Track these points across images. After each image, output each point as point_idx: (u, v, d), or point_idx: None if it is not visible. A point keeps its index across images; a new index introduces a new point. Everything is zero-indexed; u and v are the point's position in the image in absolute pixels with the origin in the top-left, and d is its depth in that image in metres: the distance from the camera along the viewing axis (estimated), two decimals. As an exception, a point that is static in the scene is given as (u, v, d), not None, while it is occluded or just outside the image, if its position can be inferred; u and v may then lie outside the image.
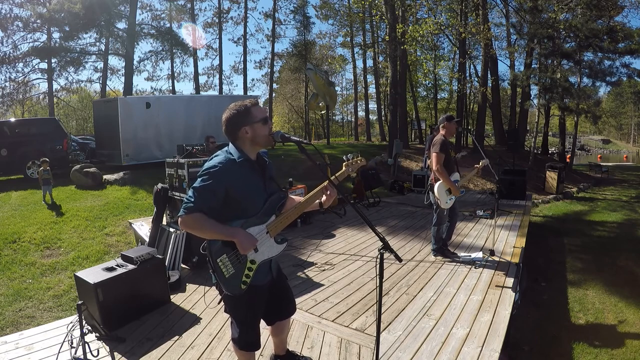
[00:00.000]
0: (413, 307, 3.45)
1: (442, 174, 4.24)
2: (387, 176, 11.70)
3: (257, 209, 1.88)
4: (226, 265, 1.85)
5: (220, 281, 1.88)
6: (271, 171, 2.01)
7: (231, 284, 1.87)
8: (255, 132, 1.85)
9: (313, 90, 17.08)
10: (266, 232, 1.91)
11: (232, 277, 1.86)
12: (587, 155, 48.62)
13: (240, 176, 1.81)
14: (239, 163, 1.82)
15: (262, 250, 1.91)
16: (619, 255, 6.57)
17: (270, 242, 1.94)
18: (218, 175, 1.76)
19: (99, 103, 13.72)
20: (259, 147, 1.92)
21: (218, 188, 1.76)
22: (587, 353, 3.62)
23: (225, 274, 1.85)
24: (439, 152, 4.26)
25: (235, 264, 1.86)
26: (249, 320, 2.02)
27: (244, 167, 1.84)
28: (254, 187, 1.88)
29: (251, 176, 1.87)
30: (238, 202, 1.83)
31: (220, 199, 1.78)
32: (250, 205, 1.87)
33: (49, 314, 3.89)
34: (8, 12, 18.96)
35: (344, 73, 38.88)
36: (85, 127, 31.57)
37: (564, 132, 22.50)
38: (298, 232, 6.13)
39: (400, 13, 15.22)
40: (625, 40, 16.15)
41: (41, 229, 5.85)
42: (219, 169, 1.77)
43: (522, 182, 8.76)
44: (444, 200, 4.35)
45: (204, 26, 28.07)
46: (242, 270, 1.86)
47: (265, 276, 2.01)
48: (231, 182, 1.78)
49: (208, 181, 1.75)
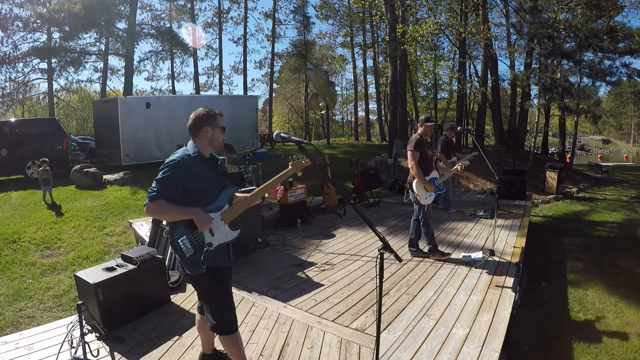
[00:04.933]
0: (413, 307, 3.45)
1: (417, 172, 4.34)
2: (387, 176, 11.70)
3: (211, 198, 2.17)
4: (186, 246, 2.10)
5: (182, 261, 2.13)
6: (223, 168, 2.33)
7: (192, 264, 2.11)
8: (214, 134, 2.18)
9: (313, 90, 17.09)
10: (221, 218, 2.18)
11: (192, 257, 2.11)
12: (587, 155, 48.63)
13: (195, 169, 2.10)
14: (193, 157, 2.12)
15: (218, 235, 2.16)
16: (619, 255, 6.57)
17: (225, 228, 2.20)
18: (176, 168, 2.05)
19: (99, 103, 13.71)
20: (213, 149, 2.22)
21: (176, 179, 2.05)
22: (587, 353, 3.62)
23: (186, 253, 2.10)
24: (414, 150, 4.36)
25: (194, 244, 2.11)
26: (225, 301, 2.24)
27: (198, 161, 2.13)
28: (207, 179, 2.16)
29: (205, 170, 2.16)
30: (195, 192, 2.11)
31: (179, 188, 2.06)
32: (205, 194, 2.15)
33: (49, 314, 3.88)
34: (8, 12, 18.96)
35: (344, 73, 38.91)
36: (85, 127, 31.56)
37: (564, 132, 22.50)
38: (298, 232, 6.13)
39: (400, 13, 15.21)
40: (625, 40, 16.15)
41: (41, 229, 5.85)
42: (177, 162, 2.07)
43: (522, 182, 8.75)
44: (423, 197, 4.43)
45: (204, 26, 28.11)
46: (200, 251, 2.11)
47: (225, 260, 2.25)
48: (187, 174, 2.08)
49: (167, 173, 2.05)
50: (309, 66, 16.96)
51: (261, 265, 4.65)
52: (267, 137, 17.79)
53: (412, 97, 26.52)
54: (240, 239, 5.13)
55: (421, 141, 4.46)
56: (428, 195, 4.44)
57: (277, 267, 4.57)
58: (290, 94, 37.82)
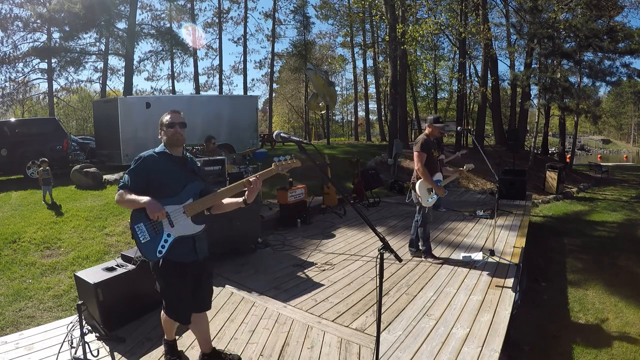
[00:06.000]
0: (413, 307, 3.45)
1: (424, 173, 4.27)
2: (387, 176, 11.70)
3: (174, 192, 2.26)
4: (142, 232, 2.21)
5: (138, 247, 2.23)
6: (193, 165, 2.44)
7: (147, 250, 2.22)
8: (166, 134, 2.34)
9: (313, 90, 17.09)
10: (182, 211, 2.25)
11: (148, 244, 2.21)
12: (587, 155, 48.62)
13: (158, 165, 2.28)
14: (158, 154, 2.32)
15: (178, 227, 2.24)
16: (619, 255, 6.57)
17: (186, 221, 2.27)
18: (141, 163, 2.27)
19: (99, 103, 13.71)
20: (174, 145, 2.34)
21: (140, 172, 2.25)
22: (587, 353, 3.62)
23: (142, 239, 2.21)
24: (421, 151, 4.30)
25: (150, 232, 2.22)
26: (172, 294, 2.35)
27: (162, 158, 2.31)
28: (170, 174, 2.29)
29: (168, 166, 2.30)
30: (157, 185, 2.25)
31: (143, 180, 2.24)
32: (166, 187, 2.26)
33: (49, 314, 3.88)
34: (8, 12, 18.96)
35: (344, 73, 38.91)
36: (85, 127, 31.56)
37: (564, 132, 22.50)
38: (298, 232, 6.13)
39: (400, 13, 15.21)
40: (625, 40, 16.14)
41: (41, 229, 5.85)
42: (142, 159, 2.29)
43: (522, 182, 8.75)
44: (425, 199, 4.37)
45: (204, 26, 28.11)
46: (157, 240, 2.22)
47: (186, 255, 2.30)
48: (150, 168, 2.26)
49: (133, 166, 2.28)
50: (309, 66, 16.95)
51: (261, 265, 4.65)
52: (267, 137, 17.79)
53: (412, 97, 26.51)
54: (240, 239, 5.11)
55: (428, 142, 4.41)
56: (430, 197, 4.40)
57: (277, 267, 4.57)
58: (290, 94, 37.82)
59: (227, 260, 4.73)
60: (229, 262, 4.68)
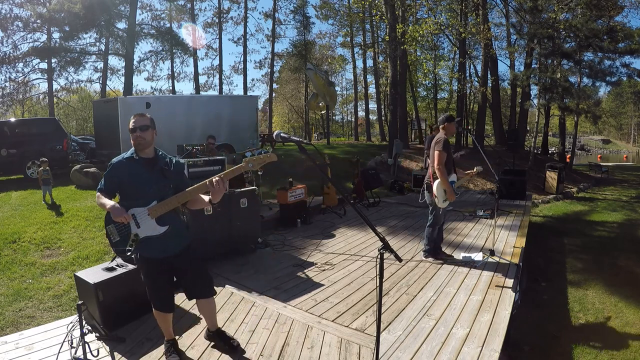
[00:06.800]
0: (413, 307, 3.45)
1: (442, 174, 4.17)
2: (387, 176, 11.70)
3: (140, 194, 2.40)
4: (113, 233, 2.43)
5: (111, 244, 2.47)
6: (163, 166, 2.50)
7: (118, 248, 2.45)
8: (131, 139, 2.44)
9: (313, 90, 17.08)
10: (147, 213, 2.38)
11: (119, 243, 2.43)
12: (587, 155, 48.63)
13: (126, 170, 2.43)
14: (127, 159, 2.46)
15: (143, 228, 2.40)
16: (619, 255, 6.56)
17: (150, 223, 2.40)
18: (111, 169, 2.46)
19: (99, 103, 13.70)
20: (140, 148, 2.44)
21: (111, 176, 2.44)
22: (587, 353, 3.62)
23: (113, 239, 2.44)
24: (442, 150, 4.17)
25: (121, 233, 2.42)
26: (150, 285, 2.56)
27: (131, 163, 2.44)
28: (137, 178, 2.41)
29: (135, 170, 2.42)
30: (125, 188, 2.44)
31: (114, 183, 2.44)
32: (133, 191, 2.41)
33: (49, 314, 3.88)
34: (8, 12, 18.95)
35: (344, 73, 38.91)
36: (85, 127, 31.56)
37: (564, 132, 22.50)
38: (298, 232, 6.13)
39: (400, 13, 15.21)
40: (625, 40, 16.15)
41: (41, 229, 5.85)
42: (114, 163, 2.46)
43: (522, 182, 8.75)
44: (442, 199, 4.25)
45: (204, 26, 28.10)
46: (127, 240, 2.41)
47: (156, 251, 2.47)
48: (119, 173, 2.43)
49: (106, 172, 2.49)
50: (309, 66, 16.95)
51: (261, 265, 4.65)
52: (267, 137, 17.78)
53: (412, 97, 26.51)
54: (240, 239, 5.11)
55: (448, 142, 4.31)
56: (446, 198, 4.30)
57: (277, 267, 4.57)
58: (290, 94, 37.81)
59: (227, 260, 4.73)
60: (229, 262, 4.68)
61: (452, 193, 4.28)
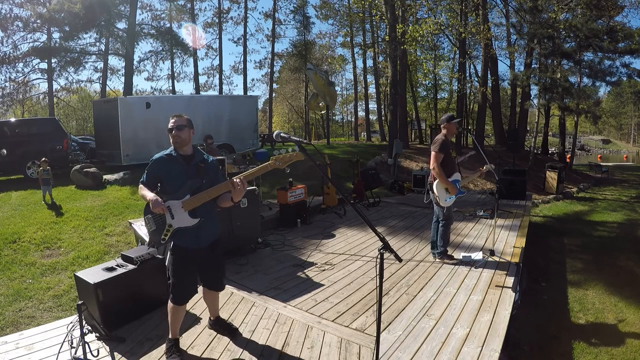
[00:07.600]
0: (413, 307, 3.45)
1: (439, 174, 4.27)
2: (387, 176, 11.70)
3: (175, 188, 2.60)
4: (150, 222, 2.67)
5: (148, 233, 2.70)
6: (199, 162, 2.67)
7: (154, 237, 2.68)
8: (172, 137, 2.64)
9: (313, 90, 17.07)
10: (181, 206, 2.56)
11: (155, 232, 2.66)
12: (587, 155, 48.60)
13: (164, 166, 2.64)
14: (166, 156, 2.66)
15: (177, 219, 2.59)
16: (619, 255, 6.56)
17: (183, 215, 2.58)
18: (152, 164, 2.67)
19: (99, 103, 13.71)
20: (178, 146, 2.65)
21: (151, 171, 2.66)
22: (587, 353, 3.62)
23: (149, 228, 2.69)
24: (438, 151, 4.29)
25: (157, 223, 2.64)
26: (176, 274, 2.67)
27: (170, 159, 2.65)
28: (174, 173, 2.62)
29: (173, 166, 2.63)
30: (163, 182, 2.66)
31: (154, 177, 2.66)
32: (170, 185, 2.63)
33: (49, 314, 3.89)
34: (8, 12, 18.96)
35: (344, 73, 38.95)
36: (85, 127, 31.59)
37: (564, 132, 22.51)
38: (298, 232, 6.13)
39: (400, 13, 15.21)
40: (625, 40, 16.14)
41: (41, 229, 5.85)
42: (155, 159, 2.67)
43: (522, 182, 8.75)
44: (443, 199, 4.36)
45: (204, 26, 28.11)
46: (162, 229, 2.63)
47: (190, 242, 2.64)
48: (158, 168, 2.65)
49: (148, 165, 2.68)
50: (309, 66, 16.95)
51: (261, 265, 4.65)
52: (267, 137, 17.79)
53: (412, 97, 26.52)
54: (240, 239, 5.11)
55: (446, 142, 4.39)
56: (448, 197, 4.37)
57: (277, 267, 4.57)
58: (290, 94, 37.82)
59: (227, 260, 4.73)
60: (229, 262, 4.68)
61: (454, 188, 4.36)
